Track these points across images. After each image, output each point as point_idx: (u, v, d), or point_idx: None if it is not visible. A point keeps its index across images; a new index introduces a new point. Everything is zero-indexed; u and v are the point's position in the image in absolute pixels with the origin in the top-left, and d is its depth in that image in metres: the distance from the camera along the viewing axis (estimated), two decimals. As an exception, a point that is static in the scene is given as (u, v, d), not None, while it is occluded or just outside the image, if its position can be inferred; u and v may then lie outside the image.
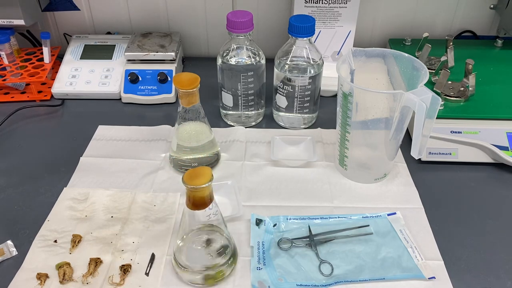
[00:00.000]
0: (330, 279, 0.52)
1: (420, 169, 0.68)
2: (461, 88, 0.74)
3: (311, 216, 0.60)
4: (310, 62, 0.71)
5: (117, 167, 0.68)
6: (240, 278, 0.52)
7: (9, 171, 0.68)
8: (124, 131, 0.76)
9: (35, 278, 0.52)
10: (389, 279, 0.52)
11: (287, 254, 0.55)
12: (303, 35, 0.68)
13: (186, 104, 0.62)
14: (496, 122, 0.69)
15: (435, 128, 0.67)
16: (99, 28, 0.96)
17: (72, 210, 0.60)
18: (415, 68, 0.60)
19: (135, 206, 0.61)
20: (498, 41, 0.90)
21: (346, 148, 0.64)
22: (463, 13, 0.94)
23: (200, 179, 0.46)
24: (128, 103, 0.83)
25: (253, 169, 0.68)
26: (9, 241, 0.56)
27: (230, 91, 0.73)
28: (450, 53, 0.80)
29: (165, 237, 0.57)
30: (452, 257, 0.55)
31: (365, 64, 0.64)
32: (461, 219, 0.61)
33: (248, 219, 0.59)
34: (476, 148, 0.68)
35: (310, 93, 0.72)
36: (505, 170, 0.68)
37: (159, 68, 0.83)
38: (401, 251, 0.56)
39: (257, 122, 0.78)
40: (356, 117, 0.60)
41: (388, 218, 0.60)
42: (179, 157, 0.66)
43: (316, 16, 0.80)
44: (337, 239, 0.57)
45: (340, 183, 0.66)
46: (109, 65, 0.86)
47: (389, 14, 0.94)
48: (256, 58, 0.71)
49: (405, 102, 0.55)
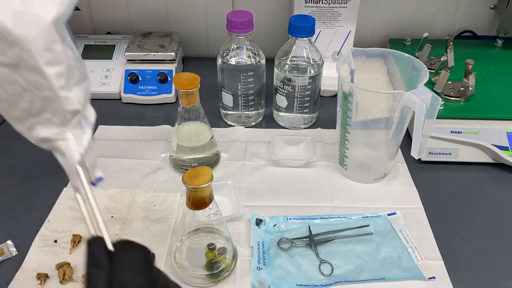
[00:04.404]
0: (330, 279, 0.52)
1: (420, 169, 0.68)
2: (461, 88, 0.74)
3: (311, 216, 0.60)
4: (310, 62, 0.71)
5: (117, 167, 0.68)
6: (240, 278, 0.52)
7: (9, 171, 0.68)
8: (124, 131, 0.76)
9: (35, 278, 0.52)
10: (389, 279, 0.52)
11: (287, 254, 0.55)
12: (303, 35, 0.68)
13: (186, 104, 0.62)
14: (496, 122, 0.69)
15: (435, 128, 0.67)
16: (99, 28, 0.96)
17: (72, 210, 0.60)
18: (415, 68, 0.60)
19: (135, 206, 0.61)
20: (498, 41, 0.90)
21: (346, 148, 0.64)
22: (463, 13, 0.94)
23: (200, 179, 0.46)
24: (128, 103, 0.83)
25: (253, 169, 0.68)
26: (9, 241, 0.56)
27: (230, 91, 0.73)
28: (450, 53, 0.80)
29: (165, 237, 0.57)
30: (452, 257, 0.55)
31: (365, 64, 0.64)
32: (461, 219, 0.61)
33: (248, 219, 0.59)
34: (476, 148, 0.68)
35: (310, 93, 0.72)
36: (505, 170, 0.68)
37: (159, 68, 0.83)
38: (401, 251, 0.56)
39: (257, 122, 0.78)
40: (356, 117, 0.60)
41: (388, 218, 0.60)
42: (179, 157, 0.66)
43: (316, 16, 0.80)
44: (337, 239, 0.57)
45: (340, 183, 0.66)
46: (109, 65, 0.86)
47: (389, 14, 0.94)
48: (256, 58, 0.71)
49: (405, 102, 0.55)
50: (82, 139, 0.31)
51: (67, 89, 0.28)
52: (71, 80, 0.29)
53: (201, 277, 0.51)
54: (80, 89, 0.30)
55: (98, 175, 0.34)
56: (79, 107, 0.30)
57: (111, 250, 0.29)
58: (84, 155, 0.31)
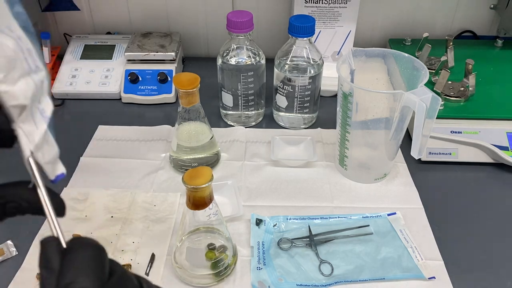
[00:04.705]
0: (330, 279, 0.52)
1: (420, 169, 0.68)
2: (461, 88, 0.74)
3: (311, 216, 0.60)
4: (310, 62, 0.71)
5: (117, 167, 0.68)
6: (240, 278, 0.52)
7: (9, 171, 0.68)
8: (124, 131, 0.76)
9: (35, 278, 0.52)
10: (389, 279, 0.52)
11: (287, 254, 0.55)
12: (303, 35, 0.68)
13: (186, 104, 0.62)
14: (496, 122, 0.69)
15: (435, 128, 0.67)
16: (99, 28, 0.96)
17: (72, 210, 0.60)
18: (415, 68, 0.60)
19: (135, 206, 0.61)
20: (498, 41, 0.90)
21: (346, 148, 0.64)
22: (463, 13, 0.94)
23: (200, 179, 0.46)
24: (128, 103, 0.83)
25: (253, 169, 0.68)
26: (9, 241, 0.56)
27: (230, 91, 0.73)
28: (450, 53, 0.80)
29: (165, 237, 0.57)
30: (452, 257, 0.55)
31: (365, 64, 0.64)
32: (461, 219, 0.61)
33: (248, 219, 0.59)
34: (476, 148, 0.68)
35: (310, 93, 0.72)
36: (505, 170, 0.68)
37: (159, 68, 0.83)
38: (401, 251, 0.56)
39: (257, 122, 0.78)
40: (356, 117, 0.60)
41: (388, 218, 0.60)
42: (179, 157, 0.66)
43: (316, 16, 0.80)
44: (337, 239, 0.57)
45: (340, 183, 0.66)
46: (109, 65, 0.86)
47: (389, 14, 0.94)
48: (256, 58, 0.71)
49: (405, 102, 0.55)
50: (33, 135, 0.29)
51: (7, 83, 0.27)
52: (13, 73, 0.27)
53: (201, 277, 0.51)
54: (27, 81, 0.28)
55: (58, 172, 0.33)
56: (25, 101, 0.28)
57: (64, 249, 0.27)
58: (37, 152, 0.30)
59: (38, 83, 0.29)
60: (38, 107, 0.30)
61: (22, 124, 0.28)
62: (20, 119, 0.28)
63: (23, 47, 0.29)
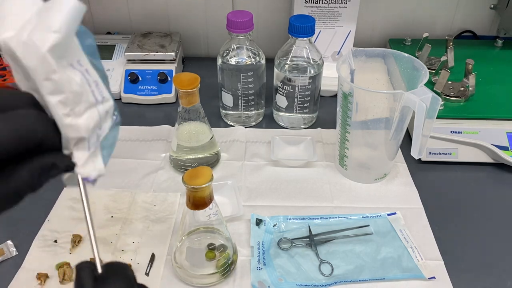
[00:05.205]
0: (330, 279, 0.52)
1: (420, 169, 0.68)
2: (461, 88, 0.74)
3: (311, 216, 0.60)
4: (310, 62, 0.71)
5: (117, 167, 0.68)
6: (240, 278, 0.52)
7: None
8: (124, 131, 0.76)
9: (35, 278, 0.52)
10: (389, 279, 0.52)
11: (287, 254, 0.55)
12: (303, 35, 0.68)
13: (186, 104, 0.62)
14: (496, 122, 0.69)
15: (435, 128, 0.67)
16: (99, 28, 0.96)
17: (72, 210, 0.60)
18: (415, 68, 0.60)
19: (135, 206, 0.61)
20: (498, 41, 0.90)
21: (346, 148, 0.64)
22: (463, 13, 0.94)
23: (200, 179, 0.46)
24: (128, 103, 0.83)
25: (253, 169, 0.68)
26: (9, 241, 0.56)
27: (230, 91, 0.73)
28: (450, 53, 0.80)
29: (165, 237, 0.57)
30: (452, 257, 0.55)
31: (365, 64, 0.64)
32: (461, 219, 0.61)
33: (248, 219, 0.59)
34: (476, 148, 0.68)
35: (310, 93, 0.72)
36: (505, 170, 0.68)
37: (159, 68, 0.83)
38: (401, 251, 0.56)
39: (257, 122, 0.78)
40: (356, 117, 0.60)
41: (388, 218, 0.60)
42: (179, 157, 0.66)
43: (316, 16, 0.80)
44: (337, 239, 0.57)
45: (340, 183, 0.66)
46: (109, 65, 0.86)
47: (389, 14, 0.94)
48: (256, 58, 0.71)
49: (405, 102, 0.55)
50: (83, 159, 0.30)
51: (72, 116, 0.28)
52: (79, 107, 0.28)
53: (201, 277, 0.51)
54: (92, 114, 0.29)
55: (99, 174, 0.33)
56: (86, 134, 0.29)
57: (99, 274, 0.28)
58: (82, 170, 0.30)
59: (102, 113, 0.30)
60: (96, 133, 0.30)
61: (76, 152, 0.29)
62: (75, 148, 0.29)
63: (90, 80, 0.29)
